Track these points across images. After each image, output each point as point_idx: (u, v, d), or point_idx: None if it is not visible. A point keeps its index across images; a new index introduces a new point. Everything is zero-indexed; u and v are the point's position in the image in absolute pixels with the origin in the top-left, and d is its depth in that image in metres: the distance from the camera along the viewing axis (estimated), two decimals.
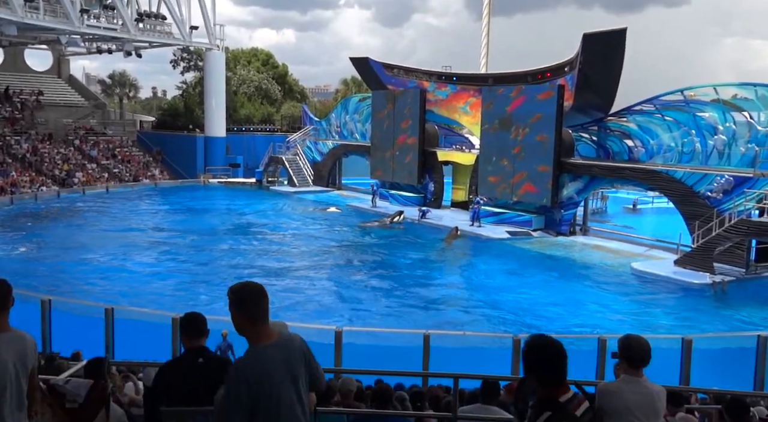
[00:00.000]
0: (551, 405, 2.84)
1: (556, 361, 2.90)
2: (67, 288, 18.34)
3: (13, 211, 32.60)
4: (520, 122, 27.76)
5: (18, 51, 50.67)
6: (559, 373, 2.90)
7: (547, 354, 2.91)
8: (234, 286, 3.15)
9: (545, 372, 2.89)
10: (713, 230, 20.57)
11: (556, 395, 2.86)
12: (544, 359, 2.90)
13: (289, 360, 3.15)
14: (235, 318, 3.10)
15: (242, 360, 3.08)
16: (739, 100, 22.45)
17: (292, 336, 3.28)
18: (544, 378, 2.89)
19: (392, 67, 36.90)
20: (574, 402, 2.90)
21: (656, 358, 3.83)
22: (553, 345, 2.92)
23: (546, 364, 2.90)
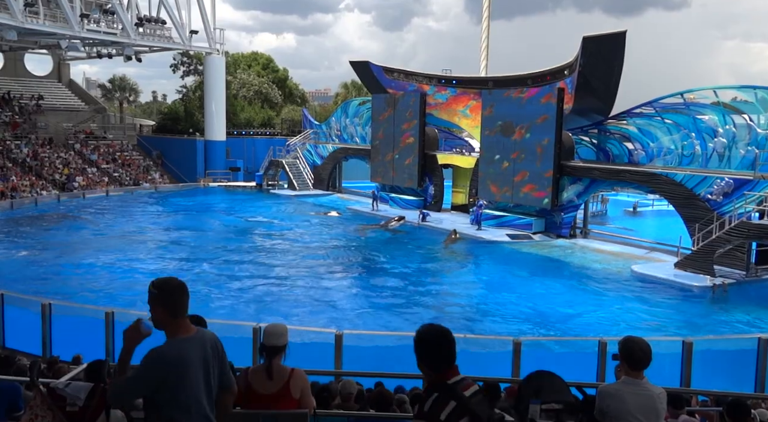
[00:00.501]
0: (439, 387, 2.90)
1: (447, 347, 2.96)
2: (67, 292, 18.34)
3: (13, 215, 32.61)
4: (519, 125, 27.78)
5: (18, 56, 50.76)
6: (448, 357, 2.96)
7: (439, 341, 2.96)
8: (156, 281, 3.26)
9: (437, 358, 2.94)
10: (713, 232, 20.58)
11: (445, 378, 2.92)
12: (436, 346, 2.95)
13: (203, 355, 3.25)
14: (157, 312, 3.22)
15: (161, 348, 3.18)
16: (738, 102, 22.49)
17: (206, 333, 3.40)
18: (435, 364, 2.94)
19: (392, 70, 36.96)
20: (463, 383, 2.94)
21: (657, 360, 3.84)
22: (444, 333, 2.98)
23: (438, 350, 2.95)
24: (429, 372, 2.96)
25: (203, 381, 3.23)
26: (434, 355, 2.95)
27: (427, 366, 2.96)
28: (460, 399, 2.84)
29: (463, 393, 2.89)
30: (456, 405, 2.82)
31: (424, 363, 2.96)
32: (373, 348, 11.99)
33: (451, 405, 2.82)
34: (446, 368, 2.95)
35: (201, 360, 3.23)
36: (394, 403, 6.08)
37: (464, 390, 2.92)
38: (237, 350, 9.65)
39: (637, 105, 25.13)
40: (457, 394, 2.85)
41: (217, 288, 19.72)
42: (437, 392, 2.88)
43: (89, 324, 12.15)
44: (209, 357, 3.28)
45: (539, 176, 26.99)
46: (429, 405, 2.87)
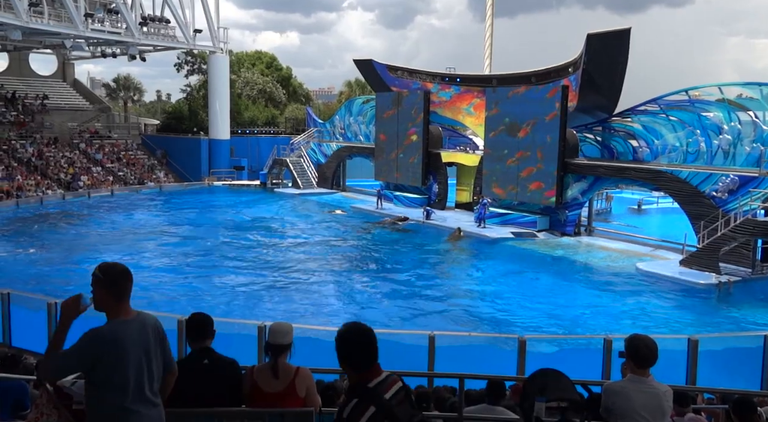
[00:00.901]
0: (358, 391, 2.88)
1: (368, 347, 2.95)
2: (73, 291, 18.36)
3: (18, 214, 32.72)
4: (523, 123, 27.73)
5: (23, 56, 50.89)
6: (370, 357, 2.94)
7: (361, 341, 2.96)
8: (103, 265, 3.33)
9: (358, 358, 2.94)
10: (719, 230, 20.52)
11: (366, 380, 2.90)
12: (358, 345, 2.95)
13: (143, 337, 3.33)
14: (101, 295, 3.30)
15: (99, 328, 3.27)
16: (744, 99, 22.40)
17: (148, 316, 3.46)
18: (357, 365, 2.93)
19: (396, 68, 36.93)
20: (384, 384, 2.92)
21: (662, 358, 3.83)
22: (365, 332, 2.98)
23: (360, 351, 2.94)
24: (351, 372, 2.94)
25: (144, 363, 3.30)
26: (356, 355, 2.94)
27: (348, 366, 2.94)
28: (380, 404, 2.81)
29: (384, 397, 2.86)
30: (376, 410, 2.79)
31: (346, 363, 2.95)
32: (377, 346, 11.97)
33: (371, 410, 2.79)
34: (368, 368, 2.93)
35: (140, 342, 3.30)
36: None
37: (386, 391, 2.89)
38: (242, 348, 9.68)
39: (642, 102, 25.06)
40: (377, 399, 2.83)
41: (223, 287, 19.77)
42: (357, 396, 2.85)
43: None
44: (150, 339, 3.36)
45: (543, 174, 26.93)
46: (348, 412, 2.84)
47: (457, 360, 10.71)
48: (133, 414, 3.24)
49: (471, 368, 8.35)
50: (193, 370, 3.81)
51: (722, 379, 10.55)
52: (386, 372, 2.99)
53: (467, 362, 10.59)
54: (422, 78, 35.65)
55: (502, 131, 28.94)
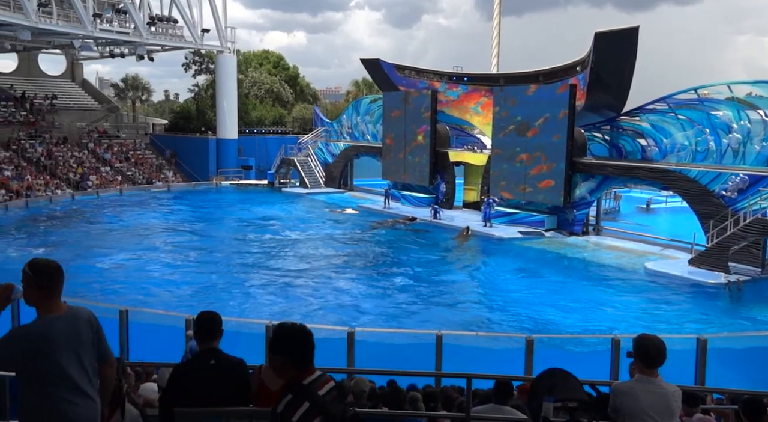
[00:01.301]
0: (293, 388, 2.95)
1: (307, 346, 3.03)
2: (81, 290, 18.48)
3: (28, 214, 32.92)
4: (531, 122, 27.66)
5: (32, 56, 51.19)
6: (308, 356, 3.02)
7: (302, 339, 3.03)
8: (33, 262, 3.39)
9: (298, 356, 3.01)
10: (728, 229, 20.41)
11: (301, 378, 2.98)
12: (299, 344, 3.01)
13: (76, 331, 3.40)
14: (32, 292, 3.35)
15: (27, 324, 3.33)
16: (753, 98, 22.25)
17: (81, 310, 3.54)
18: (296, 362, 3.00)
19: (403, 68, 36.90)
20: (318, 382, 3.01)
21: (671, 358, 3.81)
22: (302, 331, 3.05)
23: (300, 349, 3.01)
24: (290, 369, 3.00)
25: (74, 356, 3.36)
26: (296, 353, 3.01)
27: (289, 363, 3.01)
28: (314, 399, 2.89)
29: (318, 393, 2.94)
30: (309, 406, 2.86)
31: (286, 360, 3.01)
32: (385, 346, 11.99)
33: (305, 406, 2.86)
34: (305, 367, 3.01)
35: (71, 336, 3.37)
36: (407, 401, 6.07)
37: (320, 389, 2.98)
38: (249, 347, 9.71)
39: (650, 101, 24.94)
40: (311, 395, 2.90)
41: (230, 286, 19.82)
42: (292, 393, 2.92)
43: (103, 322, 12.21)
44: (82, 333, 3.44)
45: (551, 174, 26.85)
46: (282, 407, 2.91)
47: (464, 359, 10.71)
48: (68, 405, 3.33)
49: (478, 367, 8.34)
50: (200, 370, 3.81)
51: (732, 379, 10.50)
52: (320, 372, 3.07)
53: (475, 361, 10.58)
54: (429, 77, 35.60)
55: (509, 131, 28.86)
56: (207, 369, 3.81)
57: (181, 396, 3.70)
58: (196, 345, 3.98)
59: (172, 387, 3.86)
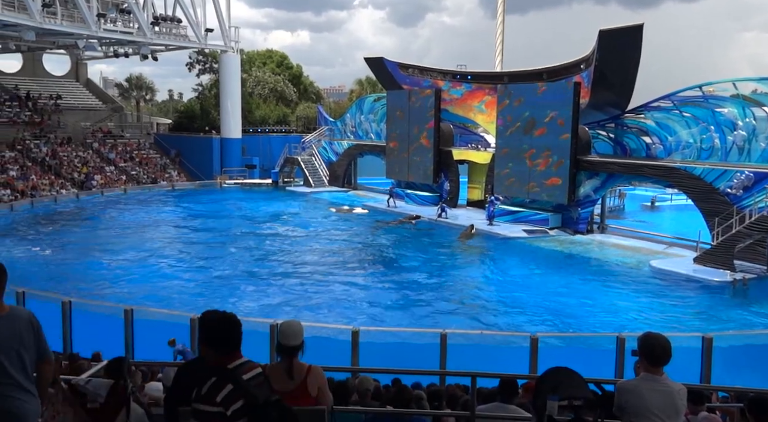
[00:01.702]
0: (218, 371, 3.00)
1: (231, 330, 3.08)
2: (87, 289, 18.54)
3: (33, 214, 33.02)
4: (535, 120, 27.60)
5: (36, 56, 51.32)
6: (232, 341, 3.08)
7: (225, 326, 3.08)
8: None
9: (221, 342, 3.05)
10: (733, 227, 20.34)
11: (226, 363, 3.02)
12: (220, 329, 3.06)
13: (17, 331, 3.53)
14: None
15: None
16: (758, 95, 22.17)
17: (21, 311, 3.65)
18: (219, 347, 3.05)
19: (407, 66, 36.88)
20: (243, 367, 3.05)
21: (676, 356, 3.80)
22: (229, 317, 3.10)
23: (224, 335, 3.06)
24: (213, 354, 3.04)
25: (16, 355, 3.50)
26: (219, 338, 3.05)
27: (211, 348, 3.05)
28: (237, 382, 2.93)
29: (242, 377, 2.97)
30: (233, 388, 2.91)
31: (209, 345, 3.05)
32: (389, 344, 11.99)
33: (228, 388, 2.91)
34: (230, 351, 3.05)
35: (13, 336, 3.49)
36: (413, 400, 6.07)
37: (245, 374, 3.01)
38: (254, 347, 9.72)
39: (655, 99, 24.87)
40: (235, 378, 2.95)
41: (235, 285, 19.85)
42: (216, 376, 2.98)
43: (109, 321, 12.29)
44: (23, 333, 3.54)
45: (555, 172, 26.80)
46: (206, 389, 2.97)
47: (469, 358, 10.70)
48: (14, 401, 3.46)
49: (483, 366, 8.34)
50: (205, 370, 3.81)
51: (737, 377, 10.47)
52: (245, 359, 3.12)
53: (479, 359, 10.58)
54: (433, 76, 35.58)
55: (514, 129, 28.80)
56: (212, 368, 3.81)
57: (186, 395, 3.71)
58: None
59: (177, 386, 3.86)
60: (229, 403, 2.89)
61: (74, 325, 12.20)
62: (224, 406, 2.88)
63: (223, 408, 2.88)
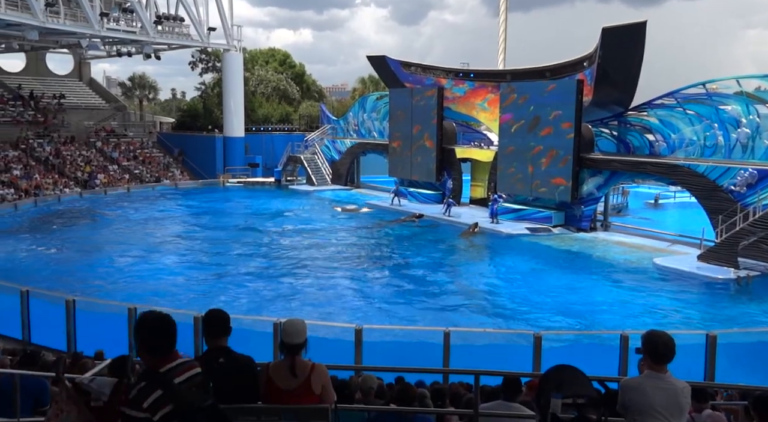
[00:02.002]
0: (147, 375, 2.97)
1: (164, 334, 3.04)
2: (91, 288, 18.58)
3: (37, 213, 33.10)
4: (538, 118, 27.56)
5: (40, 55, 51.41)
6: (164, 344, 3.04)
7: (157, 327, 3.04)
8: None
9: (153, 344, 3.02)
10: (737, 224, 20.29)
11: (159, 365, 2.99)
12: (154, 332, 3.03)
13: None
14: None
15: None
16: (762, 92, 22.10)
17: None
18: (152, 350, 3.02)
19: (409, 64, 36.85)
20: (177, 370, 3.02)
21: (680, 354, 3.79)
22: (158, 319, 3.06)
23: (155, 337, 3.03)
24: (147, 357, 3.02)
25: None
26: (151, 340, 3.02)
27: (144, 351, 3.02)
28: (166, 387, 2.89)
29: (173, 381, 2.94)
30: (162, 393, 2.86)
31: (142, 348, 3.02)
32: (393, 343, 12.00)
33: (157, 393, 2.86)
34: (163, 354, 3.01)
35: None
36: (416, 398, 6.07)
37: (178, 376, 2.98)
38: (258, 344, 9.74)
39: (658, 96, 24.81)
40: (165, 383, 2.91)
41: (239, 284, 19.87)
42: (146, 380, 2.94)
43: (112, 320, 12.31)
44: None
45: (558, 170, 26.76)
46: (134, 394, 2.92)
47: (472, 356, 10.70)
48: None
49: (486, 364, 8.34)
50: (209, 369, 3.81)
51: (741, 375, 10.45)
52: (183, 359, 3.08)
53: (482, 357, 10.58)
54: (436, 74, 35.55)
55: (516, 127, 28.76)
56: (216, 367, 3.82)
57: None
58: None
59: None
60: (157, 409, 2.84)
61: (78, 324, 12.23)
62: (151, 412, 2.84)
63: (149, 414, 2.83)
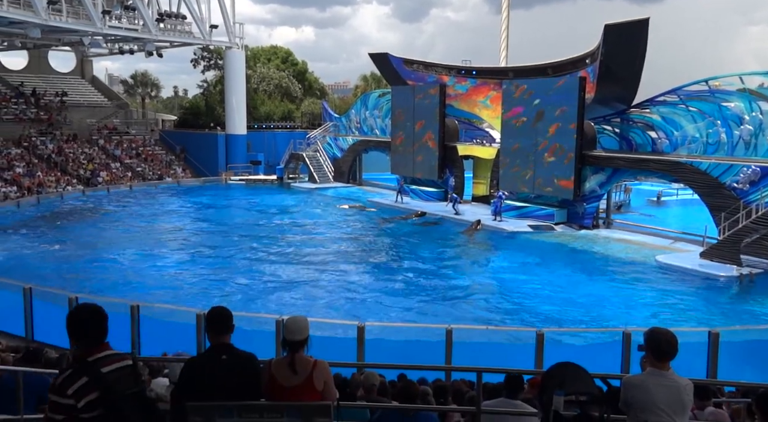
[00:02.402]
0: (74, 363, 3.06)
1: (93, 324, 3.13)
2: (93, 286, 18.61)
3: (39, 210, 33.15)
4: (541, 116, 27.51)
5: (42, 53, 51.43)
6: (94, 334, 3.12)
7: (87, 318, 3.13)
8: None
9: (83, 334, 3.10)
10: (740, 221, 20.26)
11: (87, 355, 3.07)
12: (79, 324, 3.11)
13: None
14: None
15: None
16: (765, 89, 22.05)
17: None
18: (82, 339, 3.09)
19: (411, 62, 36.81)
20: (106, 360, 3.09)
21: (683, 351, 3.79)
22: (88, 311, 3.15)
23: (85, 327, 3.11)
24: (77, 346, 3.10)
25: None
26: (81, 331, 3.09)
27: (74, 340, 3.10)
28: (92, 375, 2.97)
29: (100, 370, 3.01)
30: (87, 380, 2.95)
31: (73, 338, 3.10)
32: (395, 340, 12.00)
33: (83, 380, 2.95)
34: (93, 344, 3.10)
35: None
36: (419, 395, 6.07)
37: (105, 366, 3.05)
38: (260, 342, 9.75)
39: (661, 93, 24.75)
40: (91, 371, 2.99)
41: (241, 281, 19.89)
42: (72, 368, 3.02)
43: (115, 317, 12.30)
44: None
45: (561, 167, 26.72)
46: (60, 380, 3.00)
47: (474, 353, 10.70)
48: None
49: (489, 361, 8.34)
50: (211, 365, 3.82)
51: (744, 372, 10.44)
52: (114, 351, 3.16)
53: (485, 355, 10.58)
54: (438, 71, 35.50)
55: (519, 125, 28.72)
56: (219, 364, 3.82)
57: (193, 391, 3.72)
58: None
59: (184, 381, 3.88)
60: (81, 396, 2.92)
61: None
62: (75, 398, 2.91)
63: (74, 401, 2.91)
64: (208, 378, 3.76)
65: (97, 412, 2.94)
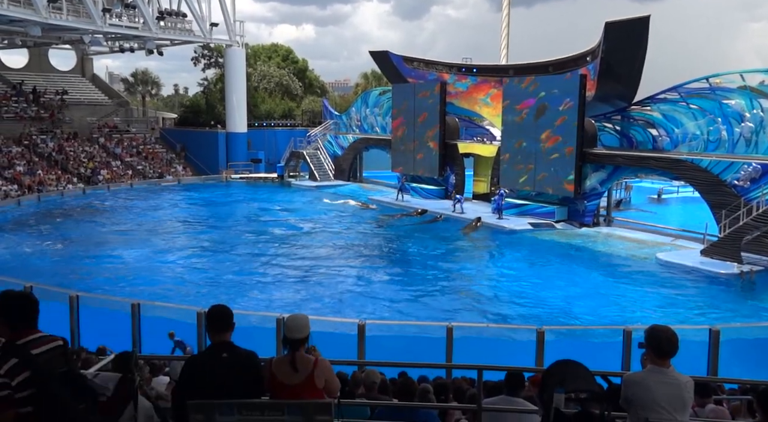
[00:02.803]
0: (5, 347, 3.14)
1: (22, 309, 3.23)
2: (94, 284, 18.62)
3: (40, 208, 33.17)
4: (542, 111, 27.49)
5: (42, 51, 51.43)
6: (23, 317, 3.22)
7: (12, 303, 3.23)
8: None
9: (9, 319, 3.19)
10: (741, 219, 20.25)
11: (16, 338, 3.16)
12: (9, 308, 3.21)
13: None
14: None
15: None
16: (766, 86, 22.02)
17: None
18: (11, 324, 3.19)
19: (412, 60, 36.77)
20: (36, 342, 3.19)
21: (683, 349, 3.79)
22: (18, 296, 3.28)
23: (10, 312, 3.20)
24: (6, 330, 3.18)
25: None
26: (10, 315, 3.18)
27: (3, 325, 3.18)
28: (22, 356, 3.07)
29: (30, 352, 3.12)
30: (17, 361, 3.04)
31: (1, 322, 3.19)
32: (396, 338, 12.01)
33: (12, 362, 3.04)
34: (23, 328, 3.20)
35: None
36: (418, 393, 6.08)
37: (36, 348, 3.15)
38: (261, 340, 9.76)
39: (662, 90, 24.72)
40: (21, 353, 3.09)
41: (242, 279, 19.90)
42: (2, 351, 3.11)
43: (116, 316, 12.34)
44: None
45: (562, 164, 26.69)
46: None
47: (475, 351, 10.71)
48: None
49: (489, 359, 8.34)
50: (212, 363, 3.83)
51: (744, 370, 10.44)
52: (44, 334, 3.27)
53: (485, 352, 10.59)
54: (439, 69, 35.47)
55: (519, 122, 28.69)
56: (220, 362, 3.83)
57: (194, 389, 3.72)
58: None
59: (185, 379, 3.88)
60: (14, 375, 3.02)
61: (81, 319, 12.26)
62: (9, 377, 3.01)
63: (8, 379, 3.01)
64: (209, 376, 3.77)
65: (28, 392, 3.04)
